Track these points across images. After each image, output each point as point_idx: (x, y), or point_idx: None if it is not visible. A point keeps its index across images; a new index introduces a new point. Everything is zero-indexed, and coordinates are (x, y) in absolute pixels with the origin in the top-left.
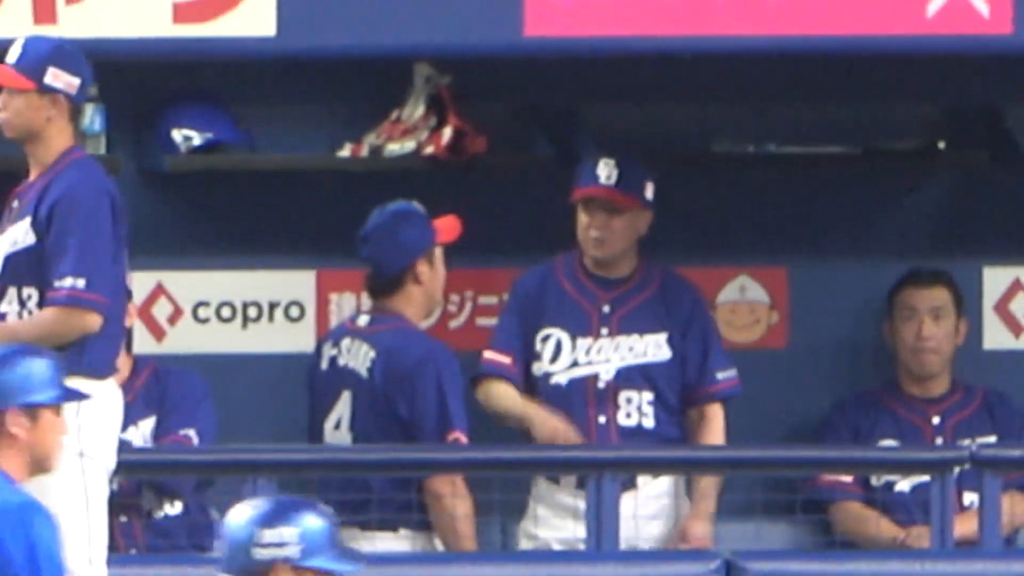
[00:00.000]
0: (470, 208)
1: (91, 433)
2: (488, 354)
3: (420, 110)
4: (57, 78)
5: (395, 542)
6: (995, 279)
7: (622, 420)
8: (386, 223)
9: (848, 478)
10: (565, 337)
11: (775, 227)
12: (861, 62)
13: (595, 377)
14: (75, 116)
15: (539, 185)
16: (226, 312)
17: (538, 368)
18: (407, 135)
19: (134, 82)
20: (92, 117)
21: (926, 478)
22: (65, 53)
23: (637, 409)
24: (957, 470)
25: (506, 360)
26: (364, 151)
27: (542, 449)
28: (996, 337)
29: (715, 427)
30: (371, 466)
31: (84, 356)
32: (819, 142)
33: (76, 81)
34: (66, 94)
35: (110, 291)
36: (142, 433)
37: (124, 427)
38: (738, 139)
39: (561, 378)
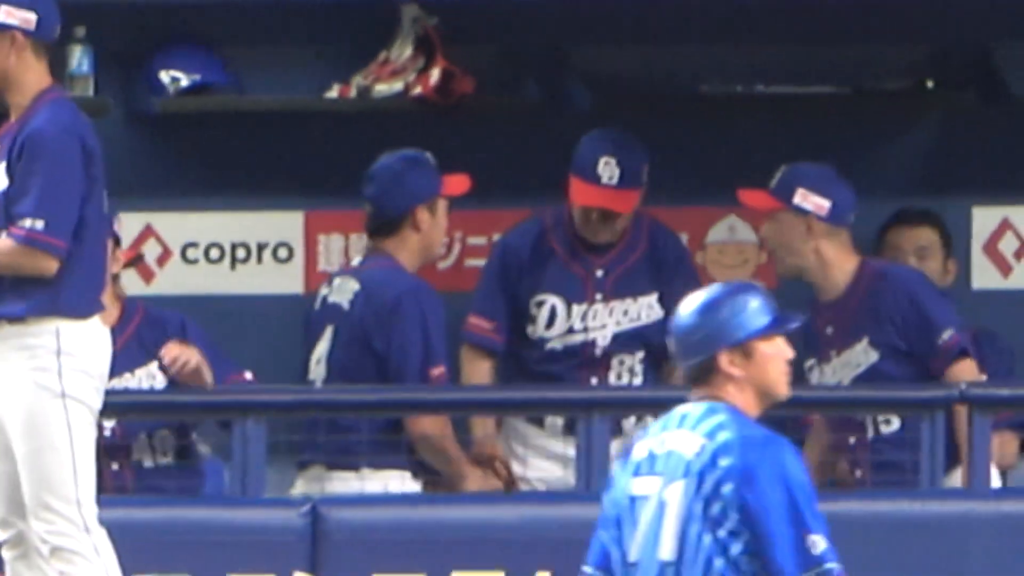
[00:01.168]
0: (458, 149)
1: (72, 374)
2: (472, 319)
3: (408, 51)
4: (10, 15)
5: (386, 481)
6: (984, 218)
7: (612, 380)
8: (393, 165)
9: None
10: (560, 303)
11: (763, 167)
12: (849, 2)
13: (592, 343)
14: (44, 53)
15: (527, 127)
16: (215, 253)
17: (532, 331)
18: (395, 76)
19: (122, 24)
20: (80, 59)
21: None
22: None
23: (628, 370)
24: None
25: (488, 326)
26: (352, 92)
27: (533, 390)
28: (985, 276)
29: None
30: (356, 407)
31: (59, 297)
32: (808, 82)
33: (32, 16)
34: (23, 30)
35: (70, 234)
36: (138, 380)
37: (118, 373)
38: (727, 80)
39: (556, 344)
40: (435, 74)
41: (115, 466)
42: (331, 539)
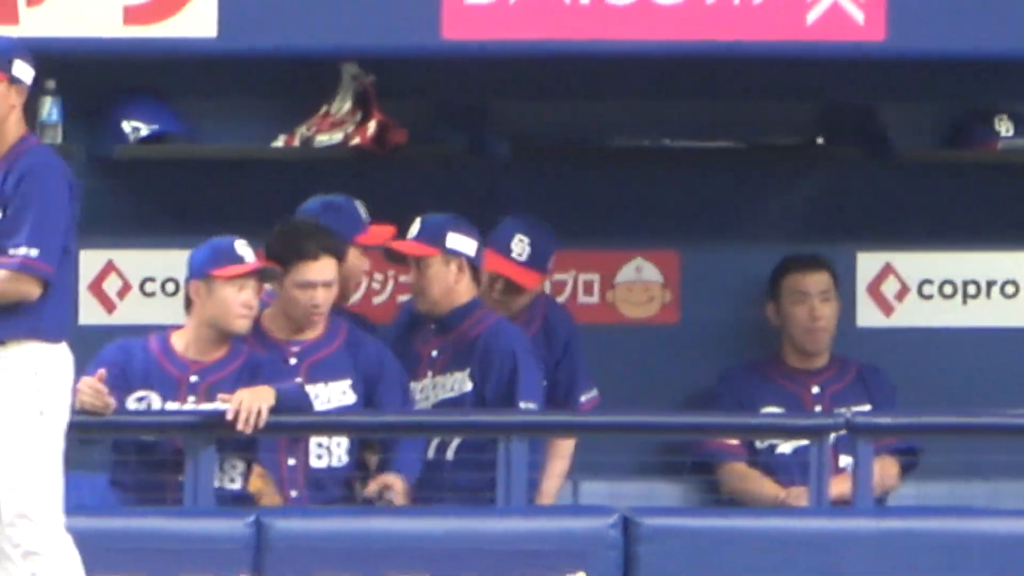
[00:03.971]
0: (392, 194)
1: (49, 393)
2: None
3: (347, 105)
4: (22, 69)
5: None
6: (868, 263)
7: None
8: (312, 209)
9: (734, 442)
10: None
11: (668, 214)
12: (747, 64)
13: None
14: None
15: (452, 173)
16: (171, 287)
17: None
18: (335, 127)
19: (88, 77)
20: (50, 109)
21: (805, 442)
22: (22, 47)
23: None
24: (833, 435)
25: None
26: (296, 142)
27: (448, 414)
28: (869, 316)
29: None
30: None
31: (40, 322)
32: (708, 137)
33: (32, 72)
34: (26, 84)
35: (57, 264)
36: (330, 395)
37: (313, 382)
38: (635, 134)
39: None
40: (372, 126)
41: (292, 461)
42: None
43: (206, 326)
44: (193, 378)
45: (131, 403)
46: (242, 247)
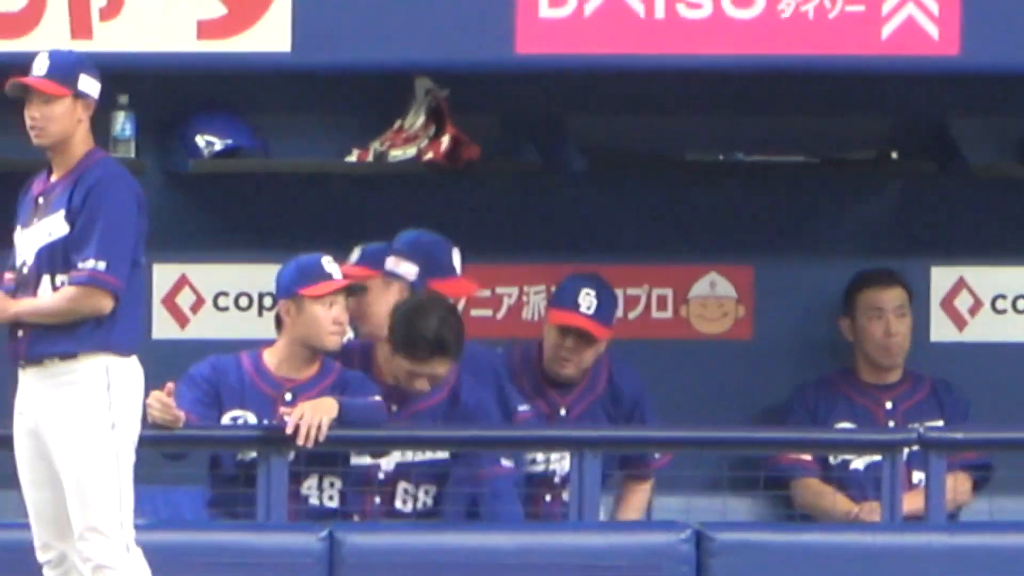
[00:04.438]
0: (465, 208)
1: (120, 407)
2: None
3: (421, 120)
4: (87, 83)
5: None
6: (941, 277)
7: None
8: (404, 242)
9: (807, 457)
10: None
11: (742, 229)
12: (822, 78)
13: (552, 474)
14: (92, 117)
15: (527, 188)
16: (244, 301)
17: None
18: (409, 142)
19: (162, 93)
20: (123, 124)
21: (878, 457)
22: (88, 60)
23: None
24: (906, 451)
25: None
26: (369, 156)
27: (522, 429)
28: (942, 330)
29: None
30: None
31: (111, 335)
32: (783, 152)
33: (99, 85)
34: (93, 98)
35: (126, 275)
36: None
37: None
38: (709, 148)
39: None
40: (445, 141)
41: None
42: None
43: (298, 344)
44: (287, 396)
45: (226, 422)
46: (329, 264)
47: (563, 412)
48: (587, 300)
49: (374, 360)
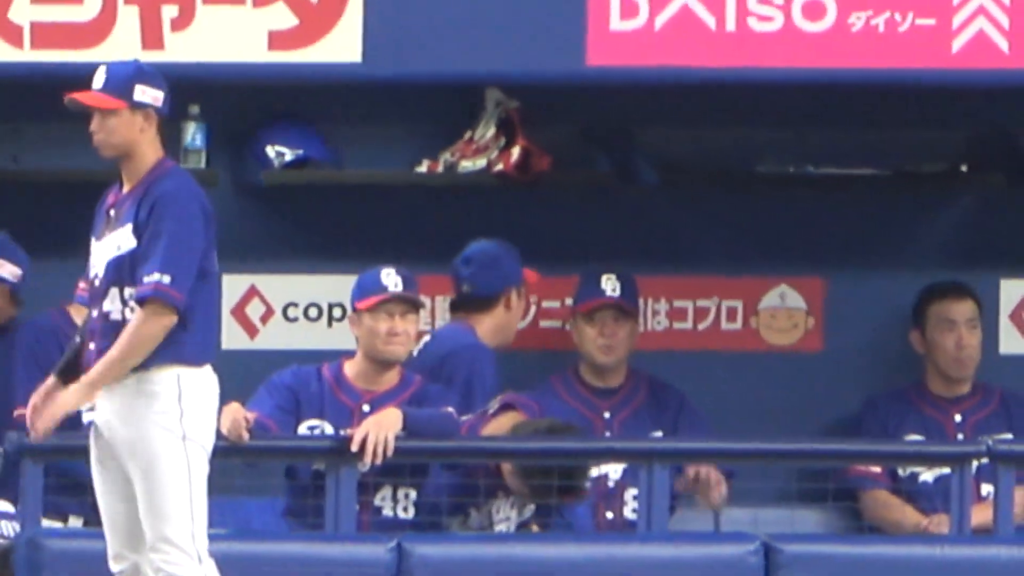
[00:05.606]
0: (536, 220)
1: (193, 418)
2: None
3: (491, 131)
4: (144, 93)
5: None
6: (1011, 290)
7: (628, 515)
8: (490, 250)
9: (877, 469)
10: None
11: (812, 241)
12: (892, 92)
13: (604, 478)
14: (160, 127)
15: (598, 200)
16: (313, 312)
17: None
18: (479, 153)
19: (233, 103)
20: (194, 134)
21: (947, 470)
22: (146, 71)
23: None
24: (975, 463)
25: None
26: (440, 167)
27: (604, 440)
28: (1012, 343)
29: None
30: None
31: (183, 347)
32: (853, 164)
33: (160, 94)
34: (154, 108)
35: (189, 289)
36: None
37: None
38: (780, 161)
39: None
40: (515, 152)
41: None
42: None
43: (366, 357)
44: (365, 407)
45: (303, 431)
46: (386, 276)
47: (607, 415)
48: (610, 284)
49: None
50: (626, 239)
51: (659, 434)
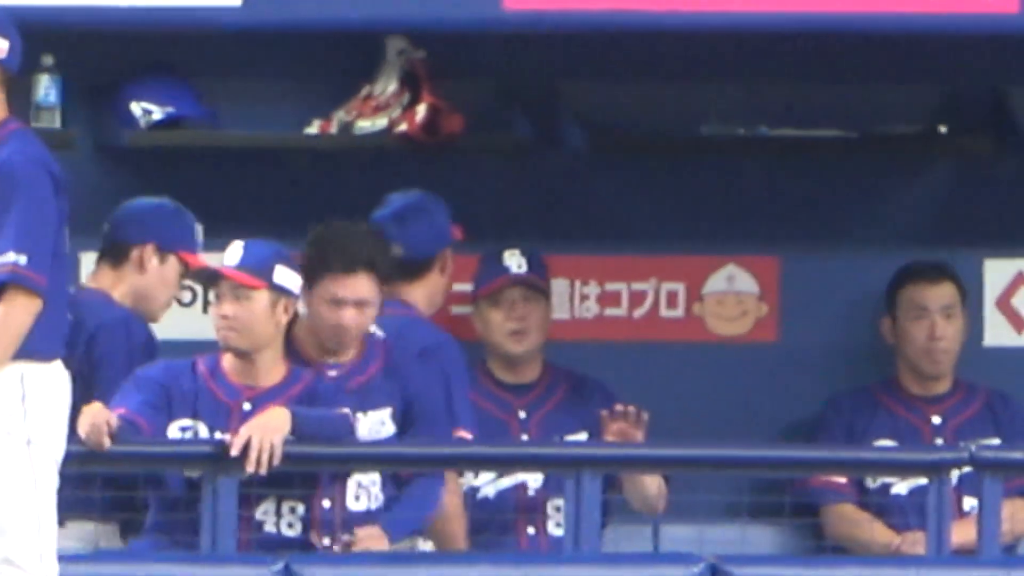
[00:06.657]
0: (444, 191)
1: (38, 420)
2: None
3: (393, 86)
4: None
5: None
6: (997, 272)
7: (553, 530)
8: (419, 203)
9: (841, 479)
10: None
11: (766, 214)
12: (859, 41)
13: (523, 487)
14: (5, 83)
15: (517, 167)
16: (187, 296)
17: (464, 483)
18: (379, 112)
19: (92, 53)
20: (47, 89)
21: (924, 481)
22: (5, 16)
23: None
24: (956, 473)
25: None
26: (333, 128)
27: (523, 446)
28: (998, 333)
29: None
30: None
31: (29, 339)
32: (814, 125)
33: (6, 44)
34: (4, 60)
35: (48, 269)
36: (369, 425)
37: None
38: (728, 121)
39: (489, 490)
40: (421, 110)
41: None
42: None
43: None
44: (246, 406)
45: (173, 433)
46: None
47: (522, 415)
48: (514, 260)
49: (294, 335)
50: (550, 212)
51: (583, 436)
